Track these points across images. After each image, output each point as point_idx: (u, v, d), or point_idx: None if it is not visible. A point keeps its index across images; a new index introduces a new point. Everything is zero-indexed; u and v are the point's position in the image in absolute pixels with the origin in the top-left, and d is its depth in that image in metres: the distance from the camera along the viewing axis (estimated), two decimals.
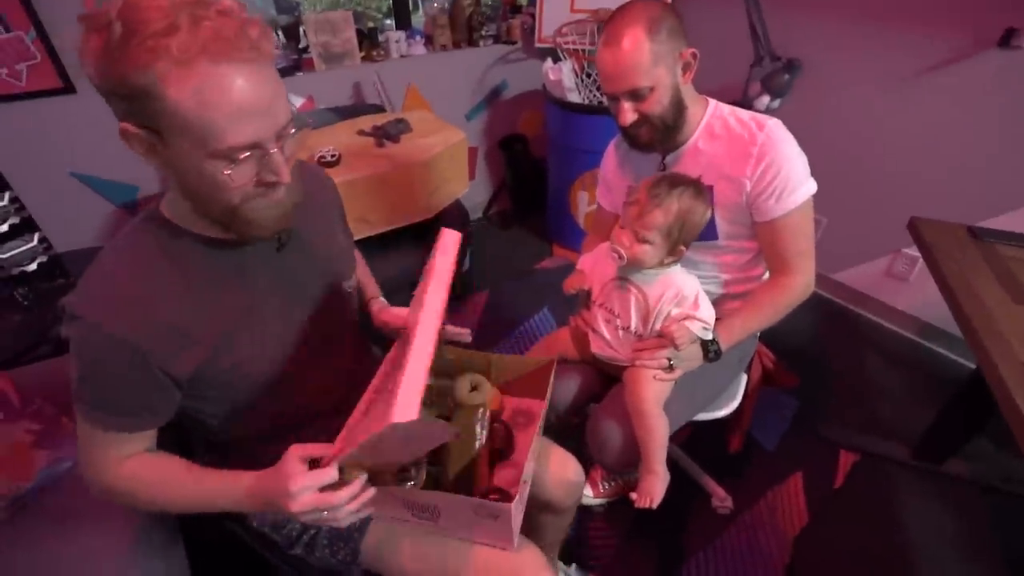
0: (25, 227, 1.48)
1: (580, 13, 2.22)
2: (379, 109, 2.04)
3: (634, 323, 1.02)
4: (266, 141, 0.56)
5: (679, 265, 1.00)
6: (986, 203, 1.67)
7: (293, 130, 0.60)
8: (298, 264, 0.76)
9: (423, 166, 1.65)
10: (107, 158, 1.72)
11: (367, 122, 1.80)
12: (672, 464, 1.51)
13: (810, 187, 0.98)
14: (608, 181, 1.21)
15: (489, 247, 2.57)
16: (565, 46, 2.09)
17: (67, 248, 1.64)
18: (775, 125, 0.96)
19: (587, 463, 1.07)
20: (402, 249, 1.76)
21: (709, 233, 1.04)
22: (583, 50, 2.12)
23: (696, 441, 1.58)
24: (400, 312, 0.94)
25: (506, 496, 0.76)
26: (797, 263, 1.01)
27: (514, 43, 2.43)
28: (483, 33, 2.37)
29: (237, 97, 0.52)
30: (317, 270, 0.80)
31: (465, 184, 1.87)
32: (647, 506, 0.98)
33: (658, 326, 0.99)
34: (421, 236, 1.81)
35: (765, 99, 2.02)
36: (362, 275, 1.02)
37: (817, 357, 1.92)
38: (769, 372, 1.25)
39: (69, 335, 0.61)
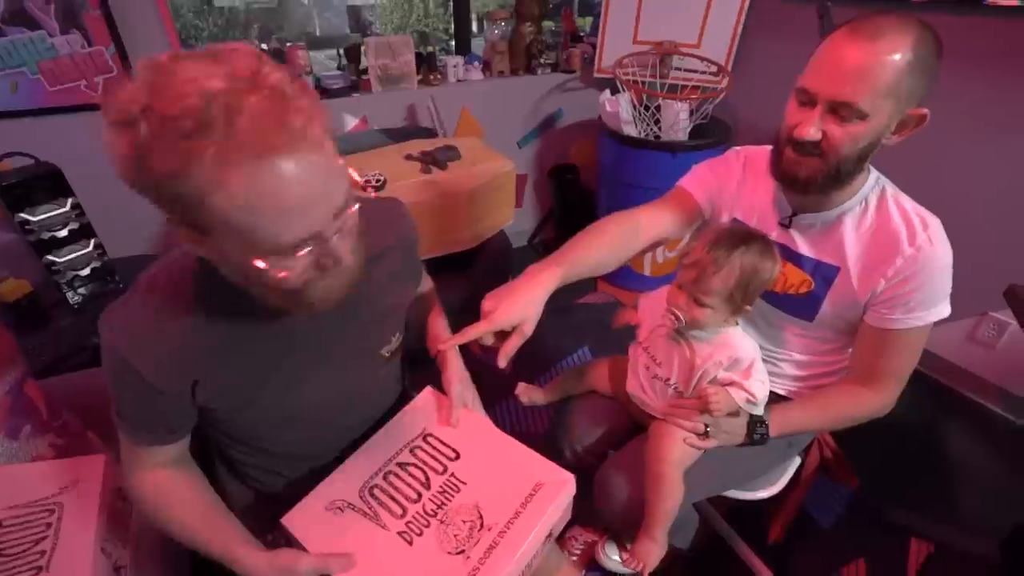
0: (83, 233, 1.53)
1: (643, 45, 2.15)
2: (431, 133, 2.03)
3: (674, 378, 0.92)
4: (323, 229, 0.51)
5: (739, 327, 0.90)
6: None
7: (352, 207, 0.54)
8: (332, 328, 0.71)
9: (468, 195, 1.60)
10: None
11: (416, 146, 1.77)
12: (716, 539, 1.38)
13: (942, 310, 0.83)
14: (710, 180, 1.00)
15: None
16: (625, 78, 2.02)
17: (119, 255, 1.69)
18: (938, 228, 0.81)
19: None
20: (442, 276, 1.71)
21: (806, 312, 0.92)
22: (643, 82, 2.05)
23: (739, 515, 1.42)
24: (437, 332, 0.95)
25: None
26: (885, 381, 0.89)
27: (572, 72, 2.39)
28: (541, 61, 2.34)
29: (285, 194, 0.46)
30: (352, 335, 0.75)
31: (511, 215, 1.82)
32: (636, 569, 0.90)
33: (701, 387, 0.90)
34: (463, 264, 1.76)
35: None
36: (432, 320, 0.99)
37: (883, 428, 1.72)
38: (828, 462, 1.11)
39: (101, 347, 0.62)
